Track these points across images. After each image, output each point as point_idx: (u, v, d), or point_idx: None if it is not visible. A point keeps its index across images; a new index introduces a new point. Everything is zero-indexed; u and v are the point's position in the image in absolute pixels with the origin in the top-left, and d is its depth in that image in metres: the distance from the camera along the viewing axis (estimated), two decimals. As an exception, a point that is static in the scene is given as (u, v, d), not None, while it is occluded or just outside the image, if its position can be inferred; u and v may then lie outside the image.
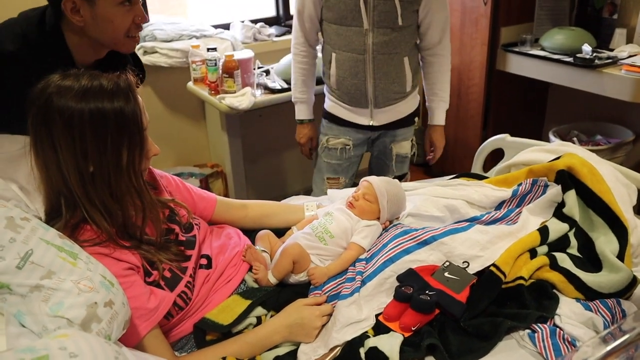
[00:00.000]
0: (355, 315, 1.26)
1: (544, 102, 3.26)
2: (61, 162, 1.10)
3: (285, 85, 2.50)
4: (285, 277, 1.37)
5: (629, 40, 2.72)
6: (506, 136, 2.05)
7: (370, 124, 2.08)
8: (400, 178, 2.23)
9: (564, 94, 3.09)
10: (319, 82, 2.20)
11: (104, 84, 1.10)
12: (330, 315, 1.27)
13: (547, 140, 2.79)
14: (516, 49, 2.81)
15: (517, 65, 2.80)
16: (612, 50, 2.68)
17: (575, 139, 2.79)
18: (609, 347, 0.96)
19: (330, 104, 2.13)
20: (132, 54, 1.62)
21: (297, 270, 1.37)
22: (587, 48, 2.58)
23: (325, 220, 1.44)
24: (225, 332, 1.23)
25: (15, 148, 1.33)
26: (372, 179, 1.51)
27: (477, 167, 2.12)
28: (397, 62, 1.97)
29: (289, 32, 3.08)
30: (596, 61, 2.51)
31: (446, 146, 3.21)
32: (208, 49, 2.53)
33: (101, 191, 1.13)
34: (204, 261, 1.32)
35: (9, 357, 0.77)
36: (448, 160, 3.23)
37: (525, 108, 3.18)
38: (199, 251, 1.33)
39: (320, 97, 2.22)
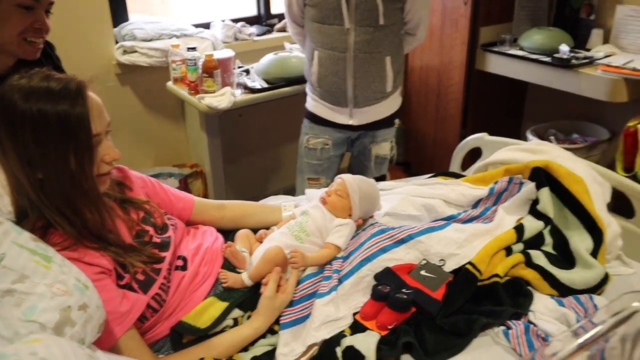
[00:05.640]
0: (333, 313, 1.27)
1: (522, 101, 3.30)
2: (12, 166, 1.08)
3: (266, 85, 2.50)
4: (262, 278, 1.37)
5: (606, 40, 2.76)
6: (484, 135, 2.07)
7: (350, 124, 2.09)
8: (379, 180, 2.23)
9: (542, 93, 3.13)
10: (302, 80, 2.21)
11: (52, 86, 1.07)
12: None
13: (525, 139, 2.83)
14: (495, 49, 2.83)
15: (496, 64, 2.83)
16: (589, 50, 2.72)
17: (552, 137, 2.82)
18: (580, 340, 0.97)
19: (312, 103, 2.14)
20: (56, 65, 1.62)
21: None
22: (564, 48, 2.61)
23: (302, 219, 1.45)
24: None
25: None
26: (345, 176, 1.53)
27: (455, 166, 2.13)
28: (378, 62, 1.98)
29: (270, 31, 3.09)
30: (573, 61, 2.54)
31: (426, 145, 3.26)
32: (188, 49, 2.51)
33: (53, 197, 1.11)
34: (179, 262, 1.32)
35: (-23, 362, 0.76)
36: (427, 159, 3.26)
37: (504, 107, 3.21)
38: (175, 252, 1.32)
39: (302, 97, 2.23)
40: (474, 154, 2.11)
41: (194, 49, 2.50)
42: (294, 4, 2.06)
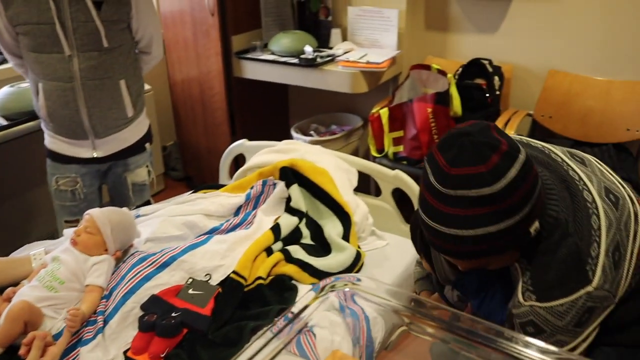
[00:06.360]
0: (101, 358, 1.21)
1: (286, 101, 3.48)
2: None
3: (4, 122, 2.25)
4: (15, 341, 1.24)
5: (344, 38, 3.05)
6: (244, 141, 2.14)
7: (95, 156, 1.95)
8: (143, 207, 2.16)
9: (301, 92, 3.34)
10: (35, 116, 2.02)
11: None
12: None
13: (292, 136, 3.00)
14: (249, 56, 2.94)
15: (252, 70, 2.94)
16: (331, 48, 2.97)
17: (313, 132, 3.03)
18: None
19: (50, 140, 1.95)
20: None
21: (30, 330, 1.24)
22: (308, 49, 2.81)
23: (53, 267, 1.34)
24: None
25: None
26: (93, 211, 1.45)
27: (223, 176, 2.17)
28: (111, 87, 1.87)
29: (6, 60, 2.78)
30: (318, 60, 2.75)
31: (201, 157, 3.26)
32: None
33: None
34: None
35: None
36: (206, 170, 3.26)
37: (270, 109, 3.35)
38: None
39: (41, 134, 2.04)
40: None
41: None
42: (4, 33, 1.82)
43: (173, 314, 1.27)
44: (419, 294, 1.49)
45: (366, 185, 2.19)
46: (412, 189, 1.85)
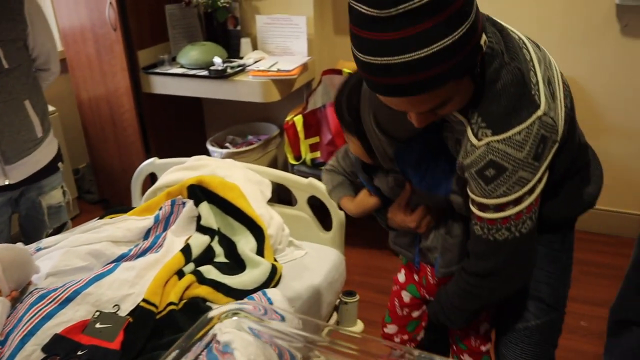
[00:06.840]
0: (0, 410, 1.11)
1: (201, 115, 3.41)
2: None
3: None
4: None
5: (255, 47, 3.02)
6: (154, 159, 2.07)
7: (7, 184, 1.84)
8: (61, 229, 2.05)
9: (215, 104, 3.28)
10: None
11: None
12: None
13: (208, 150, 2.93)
14: (157, 70, 2.85)
15: (161, 85, 2.85)
16: (242, 58, 2.93)
17: (229, 144, 2.98)
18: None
19: None
20: None
21: None
22: (217, 60, 2.76)
23: (-63, 317, 1.23)
24: None
25: None
26: None
27: (135, 197, 2.09)
28: (17, 109, 1.77)
29: None
30: (228, 70, 2.71)
31: (116, 178, 3.13)
32: None
33: None
34: None
35: None
36: (123, 192, 3.13)
37: (185, 124, 3.27)
38: None
39: None
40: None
41: None
42: None
43: (79, 353, 1.20)
44: (339, 202, 1.38)
45: (287, 195, 2.17)
46: (327, 195, 1.84)
